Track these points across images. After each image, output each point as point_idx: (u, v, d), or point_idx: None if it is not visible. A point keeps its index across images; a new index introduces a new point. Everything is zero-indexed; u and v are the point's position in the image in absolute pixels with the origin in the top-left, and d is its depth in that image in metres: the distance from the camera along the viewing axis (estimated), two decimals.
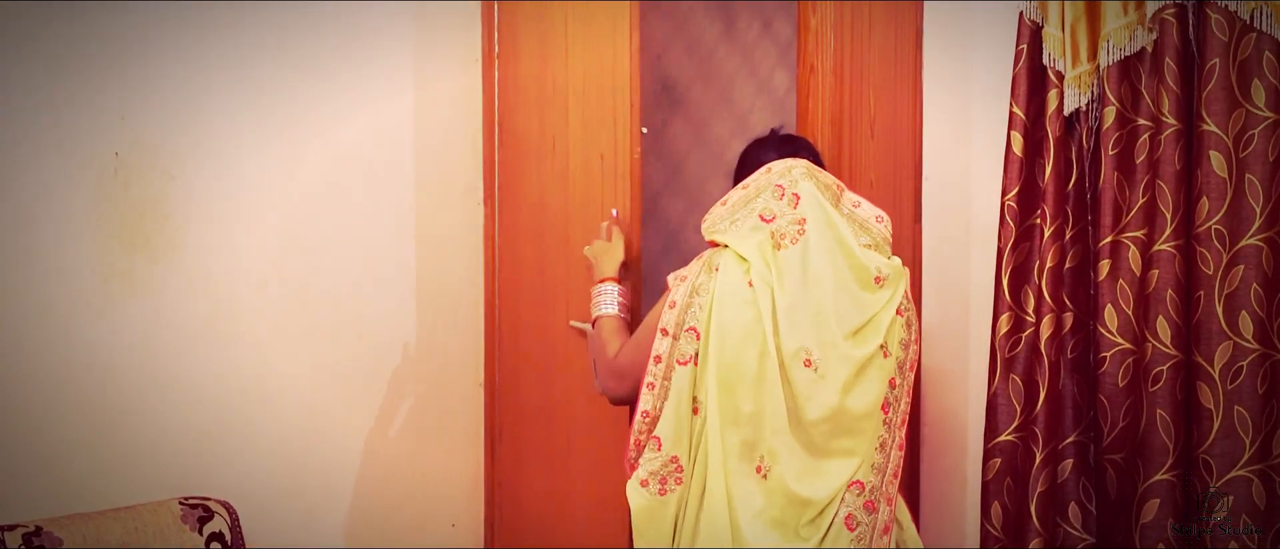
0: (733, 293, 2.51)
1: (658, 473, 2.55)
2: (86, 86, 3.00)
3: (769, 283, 2.49)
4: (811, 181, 2.54)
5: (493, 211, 3.52)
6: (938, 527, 3.21)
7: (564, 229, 3.29)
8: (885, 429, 2.56)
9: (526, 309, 3.44)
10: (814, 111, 2.81)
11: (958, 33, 3.12)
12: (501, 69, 3.52)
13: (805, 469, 2.51)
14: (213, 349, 3.20)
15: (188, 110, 3.14)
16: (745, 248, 2.54)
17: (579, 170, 3.24)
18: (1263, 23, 2.68)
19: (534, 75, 3.40)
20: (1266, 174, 2.71)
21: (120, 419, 3.07)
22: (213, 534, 2.99)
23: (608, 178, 3.22)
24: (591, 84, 3.17)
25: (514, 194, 3.46)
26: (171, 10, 3.11)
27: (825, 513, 2.51)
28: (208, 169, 3.18)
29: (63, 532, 2.79)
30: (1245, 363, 2.73)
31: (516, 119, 3.44)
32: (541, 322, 3.38)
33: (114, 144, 3.04)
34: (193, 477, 3.16)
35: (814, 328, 2.48)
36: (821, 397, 2.48)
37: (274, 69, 3.26)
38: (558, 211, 3.30)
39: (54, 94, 2.96)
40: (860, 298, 2.53)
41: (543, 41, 3.34)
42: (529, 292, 3.42)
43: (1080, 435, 2.99)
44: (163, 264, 3.12)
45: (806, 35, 2.80)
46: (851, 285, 2.52)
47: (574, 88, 3.20)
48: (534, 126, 3.37)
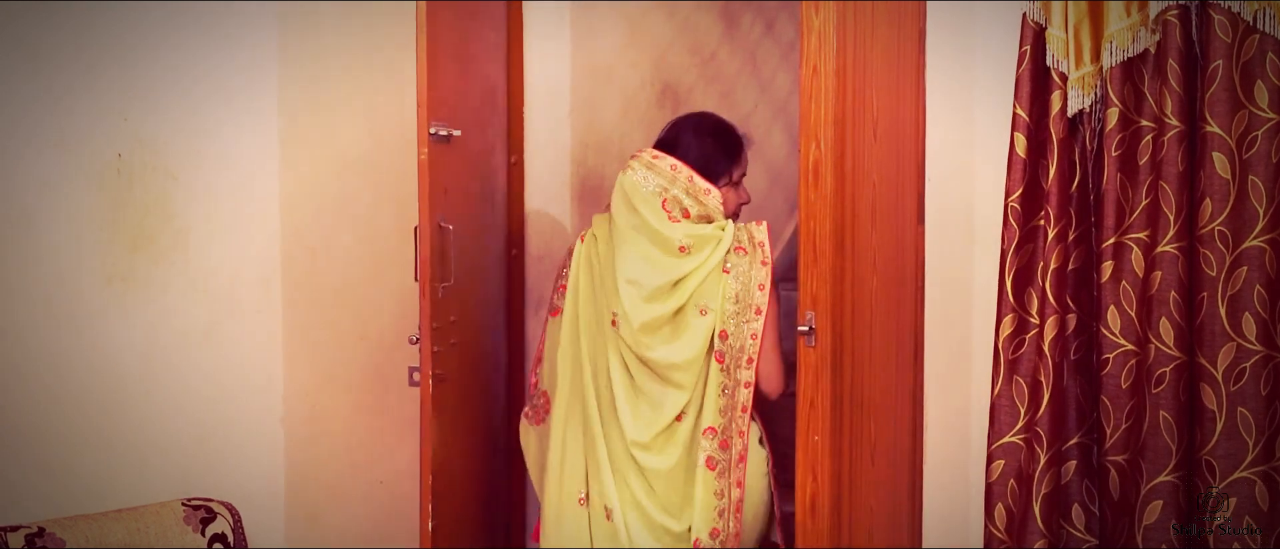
0: (584, 262, 3.19)
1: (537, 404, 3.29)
2: (89, 87, 3.00)
3: (598, 255, 3.17)
4: (627, 174, 3.14)
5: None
6: (941, 528, 3.21)
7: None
8: (724, 375, 3.06)
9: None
10: (817, 113, 2.80)
11: (960, 34, 3.12)
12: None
13: (635, 413, 3.10)
14: (215, 349, 3.20)
15: (190, 110, 3.15)
16: (597, 228, 3.21)
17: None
18: (1266, 24, 2.68)
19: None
20: (1269, 175, 2.70)
21: (123, 420, 3.07)
22: (215, 536, 2.99)
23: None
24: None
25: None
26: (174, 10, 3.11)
27: (665, 453, 3.08)
28: (210, 169, 3.19)
29: (65, 533, 2.80)
30: (1248, 364, 2.72)
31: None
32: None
33: (116, 144, 3.04)
34: (195, 478, 3.16)
35: (619, 292, 3.07)
36: (632, 348, 3.07)
37: (276, 69, 3.27)
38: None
39: (56, 94, 2.96)
40: (670, 263, 3.06)
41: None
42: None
43: (1083, 437, 2.99)
44: (165, 264, 3.12)
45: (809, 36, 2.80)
46: (655, 255, 3.07)
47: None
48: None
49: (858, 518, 3.00)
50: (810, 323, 2.79)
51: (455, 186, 3.17)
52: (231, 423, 3.24)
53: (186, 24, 3.13)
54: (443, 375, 3.08)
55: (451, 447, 3.18)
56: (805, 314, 2.80)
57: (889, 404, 3.14)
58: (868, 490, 3.05)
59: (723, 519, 3.07)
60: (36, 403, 2.95)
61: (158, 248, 3.11)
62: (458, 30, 3.24)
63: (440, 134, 3.04)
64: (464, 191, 3.28)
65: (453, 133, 3.08)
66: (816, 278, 2.81)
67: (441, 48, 3.07)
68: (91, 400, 3.03)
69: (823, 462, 2.82)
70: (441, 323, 3.08)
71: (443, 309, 3.08)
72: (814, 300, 2.80)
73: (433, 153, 3.01)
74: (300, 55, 3.31)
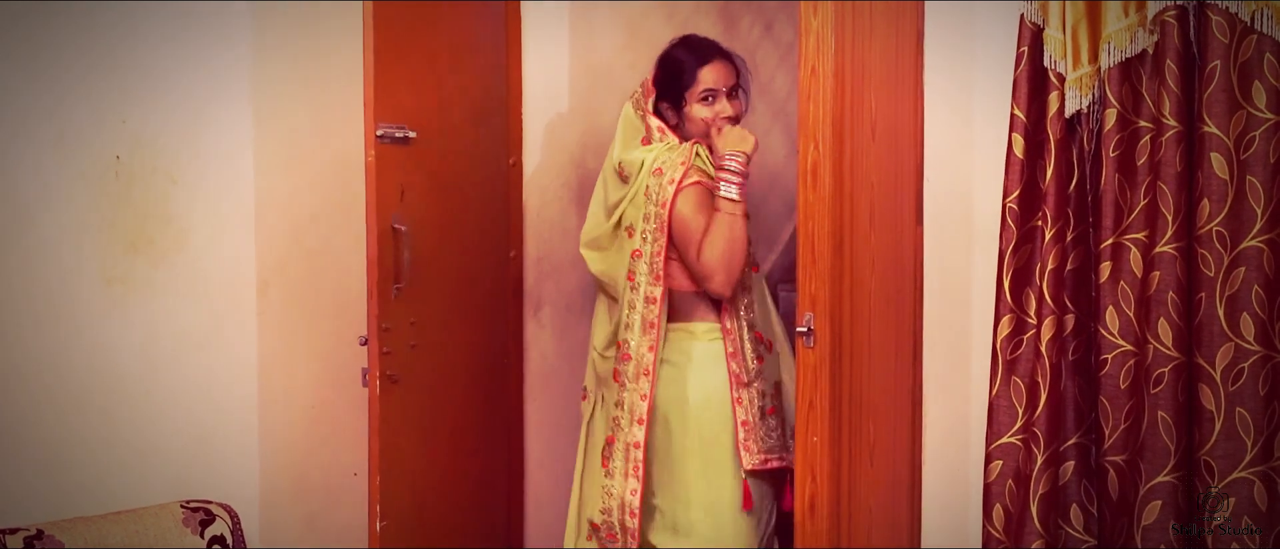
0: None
1: None
2: (88, 89, 3.00)
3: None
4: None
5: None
6: (940, 528, 3.21)
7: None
8: (631, 292, 3.29)
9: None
10: (815, 114, 2.80)
11: (959, 35, 3.12)
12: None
13: (598, 322, 3.47)
14: (215, 352, 3.20)
15: (189, 113, 3.15)
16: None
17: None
18: (1264, 25, 2.68)
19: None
20: (1268, 176, 2.71)
21: (122, 422, 3.07)
22: (214, 537, 3.00)
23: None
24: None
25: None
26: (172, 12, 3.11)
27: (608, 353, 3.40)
28: (209, 172, 3.19)
29: (64, 535, 2.80)
30: (1247, 365, 2.72)
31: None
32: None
33: (115, 147, 3.04)
34: (194, 480, 3.16)
35: (595, 216, 3.42)
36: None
37: (275, 71, 3.27)
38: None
39: (55, 97, 2.96)
40: (613, 188, 3.36)
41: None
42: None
43: (1082, 437, 2.99)
44: (164, 267, 3.12)
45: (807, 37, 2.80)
46: (613, 179, 3.37)
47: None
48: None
49: (857, 518, 3.00)
50: (809, 324, 2.79)
51: (421, 188, 3.16)
52: (231, 425, 3.24)
53: (186, 27, 3.13)
54: (395, 376, 3.07)
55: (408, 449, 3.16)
56: (804, 315, 2.80)
57: (888, 405, 3.14)
58: (866, 491, 3.05)
59: (618, 428, 3.30)
60: (35, 404, 2.95)
61: (157, 250, 3.11)
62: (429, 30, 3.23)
63: (395, 136, 3.04)
64: (431, 192, 3.26)
65: (408, 134, 3.08)
66: (815, 279, 2.81)
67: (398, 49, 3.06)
68: (90, 402, 3.03)
69: (822, 462, 2.82)
70: (395, 325, 3.08)
71: (396, 311, 3.08)
72: (813, 301, 2.80)
73: (383, 154, 3.01)
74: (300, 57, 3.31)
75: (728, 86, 3.37)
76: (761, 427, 3.30)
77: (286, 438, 3.33)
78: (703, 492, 3.29)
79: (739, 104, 3.40)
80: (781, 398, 3.39)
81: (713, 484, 3.28)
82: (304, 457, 3.37)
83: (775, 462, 3.31)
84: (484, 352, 3.62)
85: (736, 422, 3.28)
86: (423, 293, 3.17)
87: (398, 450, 3.10)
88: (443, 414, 3.37)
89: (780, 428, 3.34)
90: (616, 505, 3.26)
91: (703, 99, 3.35)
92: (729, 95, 3.37)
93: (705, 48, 3.40)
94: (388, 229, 3.04)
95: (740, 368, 3.30)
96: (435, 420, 3.33)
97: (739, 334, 3.31)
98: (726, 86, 3.37)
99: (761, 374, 3.33)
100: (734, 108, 3.37)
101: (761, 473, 3.30)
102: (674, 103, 3.37)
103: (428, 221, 3.20)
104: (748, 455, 3.27)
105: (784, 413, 3.36)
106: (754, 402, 3.30)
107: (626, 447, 3.27)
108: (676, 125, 3.39)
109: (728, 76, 3.38)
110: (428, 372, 3.26)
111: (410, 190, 3.11)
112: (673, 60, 3.39)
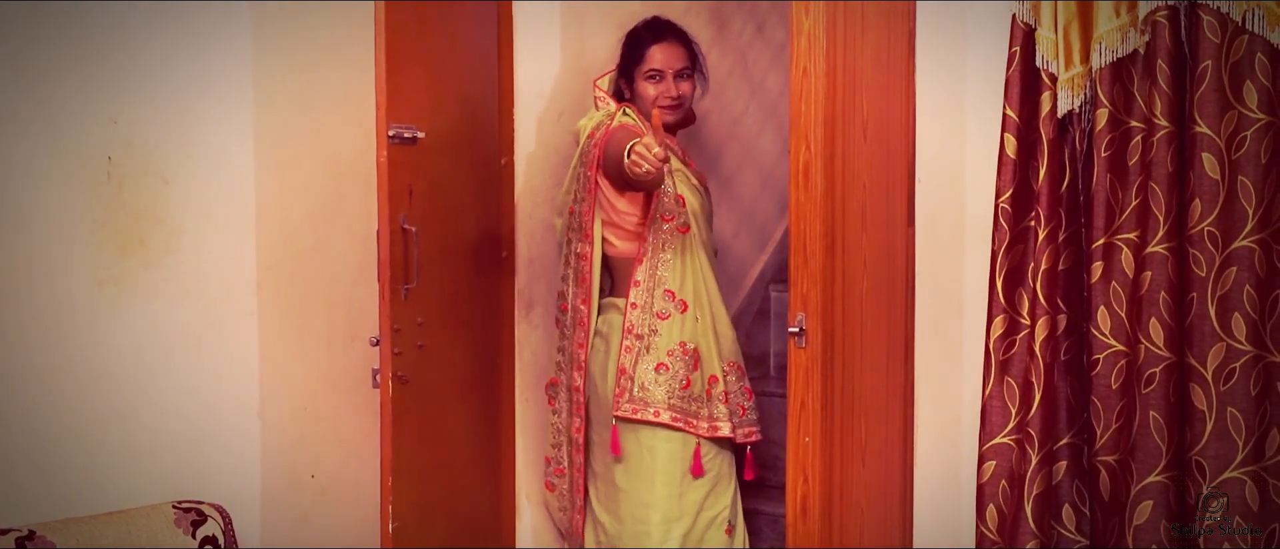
0: None
1: None
2: (79, 90, 3.00)
3: None
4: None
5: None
6: (933, 528, 3.21)
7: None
8: (567, 247, 3.49)
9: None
10: (807, 114, 2.81)
11: (951, 35, 3.12)
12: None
13: None
14: (207, 353, 3.20)
15: (181, 113, 3.14)
16: None
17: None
18: (1255, 25, 2.69)
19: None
20: (1259, 176, 2.71)
21: (114, 423, 3.07)
22: (206, 538, 2.99)
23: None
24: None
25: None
26: (163, 13, 3.10)
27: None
28: (201, 172, 3.18)
29: (56, 536, 2.79)
30: (1238, 364, 2.73)
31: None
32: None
33: (106, 148, 3.04)
34: (186, 480, 3.16)
35: (565, 184, 3.55)
36: None
37: (267, 71, 3.26)
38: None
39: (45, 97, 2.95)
40: (575, 156, 3.44)
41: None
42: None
43: (1074, 438, 2.99)
44: (156, 268, 3.12)
45: (799, 37, 2.80)
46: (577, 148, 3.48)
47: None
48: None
49: (848, 519, 3.01)
50: (801, 324, 2.79)
51: (423, 188, 3.17)
52: (222, 425, 3.23)
53: (176, 28, 3.12)
54: (405, 377, 3.08)
55: (418, 449, 3.17)
56: (796, 315, 2.80)
57: (880, 405, 3.14)
58: (859, 491, 3.05)
59: (560, 371, 3.53)
60: (27, 406, 2.95)
61: (148, 251, 3.11)
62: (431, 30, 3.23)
63: (404, 136, 3.04)
64: (436, 193, 3.27)
65: (417, 134, 3.08)
66: (807, 279, 2.82)
67: (406, 49, 3.07)
68: (82, 403, 3.02)
69: (813, 463, 2.83)
70: (405, 325, 3.08)
71: (406, 311, 3.09)
72: (804, 301, 2.80)
73: (394, 154, 3.01)
74: (293, 57, 3.31)
75: (676, 69, 3.46)
76: (651, 379, 3.36)
77: (279, 438, 3.32)
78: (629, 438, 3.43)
79: (688, 86, 3.49)
80: (697, 363, 3.40)
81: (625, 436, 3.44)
82: (296, 456, 3.36)
83: (676, 420, 3.37)
84: (480, 352, 3.62)
85: (618, 371, 3.39)
86: (427, 293, 3.17)
87: (407, 451, 3.10)
88: (445, 414, 3.38)
89: (683, 389, 3.38)
90: (565, 439, 3.52)
91: (649, 77, 3.46)
92: (677, 77, 3.46)
93: (661, 28, 3.51)
94: (400, 229, 3.05)
95: (637, 322, 3.39)
96: (438, 421, 3.34)
97: (650, 291, 3.38)
98: (674, 69, 3.46)
99: (656, 332, 3.38)
100: (679, 89, 3.45)
101: (635, 422, 3.38)
102: (628, 77, 3.49)
103: (430, 222, 3.20)
104: (621, 403, 3.37)
105: (695, 376, 3.39)
106: (634, 351, 3.37)
107: (569, 389, 3.49)
108: (631, 99, 3.51)
109: (677, 59, 3.46)
110: (433, 372, 3.27)
111: (414, 191, 3.12)
112: (631, 35, 3.52)
